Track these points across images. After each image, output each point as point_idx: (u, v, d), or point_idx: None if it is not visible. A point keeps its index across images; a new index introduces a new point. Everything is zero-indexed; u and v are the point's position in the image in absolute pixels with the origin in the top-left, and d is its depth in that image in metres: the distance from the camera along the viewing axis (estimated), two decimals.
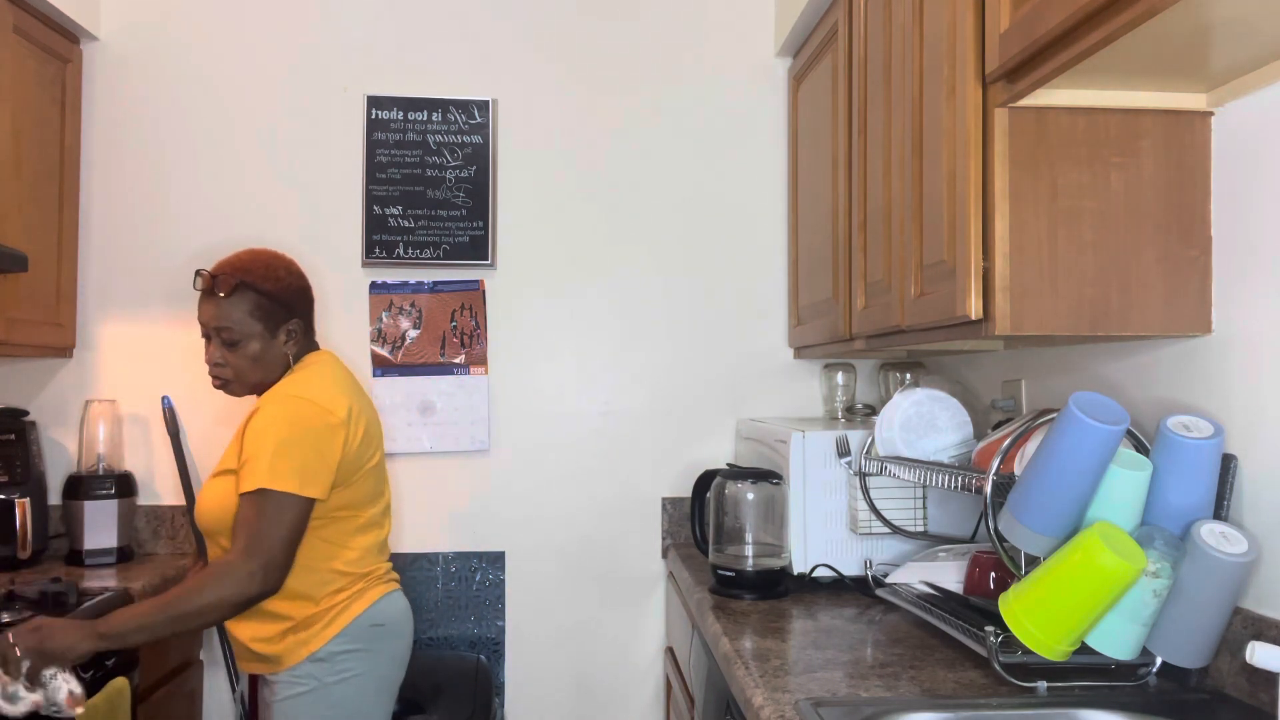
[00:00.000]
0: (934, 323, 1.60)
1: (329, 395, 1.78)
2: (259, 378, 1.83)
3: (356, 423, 1.81)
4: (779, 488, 2.06)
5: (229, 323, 1.78)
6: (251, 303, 1.79)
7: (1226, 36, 1.18)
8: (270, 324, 1.81)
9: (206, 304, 1.80)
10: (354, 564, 1.82)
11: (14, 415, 2.36)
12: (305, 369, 1.85)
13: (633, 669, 2.61)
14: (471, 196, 2.56)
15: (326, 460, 1.73)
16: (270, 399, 1.78)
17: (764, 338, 2.66)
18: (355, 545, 1.83)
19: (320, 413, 1.75)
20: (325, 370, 1.86)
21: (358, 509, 1.83)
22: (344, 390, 1.83)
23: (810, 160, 2.44)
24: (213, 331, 1.80)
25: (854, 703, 1.32)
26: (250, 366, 1.81)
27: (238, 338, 1.79)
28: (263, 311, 1.80)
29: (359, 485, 1.82)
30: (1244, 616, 1.32)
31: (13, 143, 2.19)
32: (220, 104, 2.56)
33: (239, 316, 1.79)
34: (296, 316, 1.86)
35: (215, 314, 1.79)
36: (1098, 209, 1.41)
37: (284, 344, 1.84)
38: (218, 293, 1.78)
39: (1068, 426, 1.30)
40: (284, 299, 1.83)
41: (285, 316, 1.84)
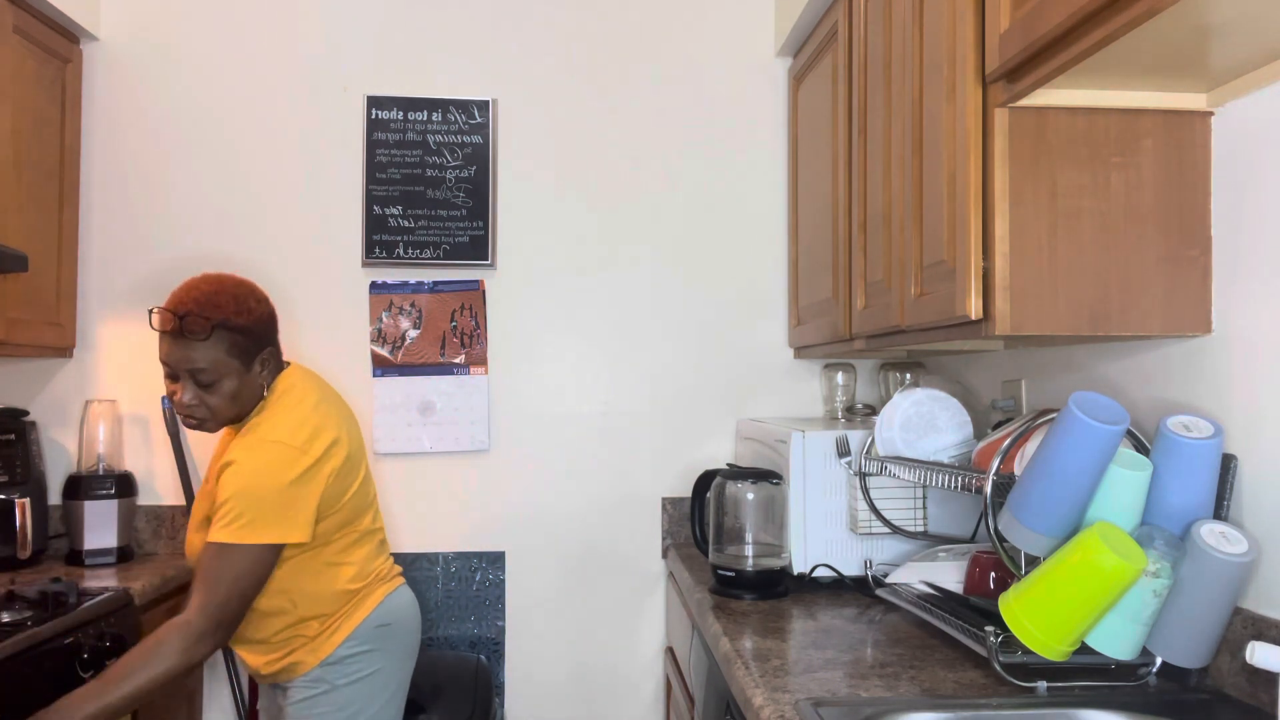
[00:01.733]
0: (934, 323, 1.60)
1: (304, 432, 1.72)
2: (236, 413, 1.76)
3: (335, 452, 1.75)
4: (779, 488, 2.06)
5: (205, 364, 1.69)
6: (228, 342, 1.70)
7: (1226, 36, 1.18)
8: (246, 359, 1.73)
9: (174, 345, 1.68)
10: (357, 577, 1.81)
11: (14, 415, 2.36)
12: (278, 399, 1.77)
13: (633, 669, 2.61)
14: (471, 196, 2.56)
15: (306, 503, 1.69)
16: (243, 446, 1.69)
17: (764, 338, 2.66)
18: (355, 559, 1.82)
19: (296, 457, 1.68)
20: (298, 398, 1.78)
21: (352, 525, 1.81)
22: (320, 416, 1.76)
23: (810, 160, 2.44)
24: (184, 374, 1.70)
25: (854, 703, 1.32)
26: (227, 404, 1.73)
27: (214, 378, 1.70)
28: (239, 349, 1.72)
29: (348, 506, 1.78)
30: (1244, 616, 1.32)
31: (13, 143, 2.19)
32: (220, 104, 2.56)
33: (215, 357, 1.69)
34: (269, 345, 1.79)
35: (187, 356, 1.68)
36: (1098, 209, 1.41)
37: (259, 374, 1.77)
38: (189, 335, 1.67)
39: (1068, 426, 1.30)
40: (257, 332, 1.75)
41: (259, 348, 1.76)
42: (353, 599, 1.80)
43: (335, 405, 1.84)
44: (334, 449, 1.75)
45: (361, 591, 1.82)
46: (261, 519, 1.65)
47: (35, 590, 1.94)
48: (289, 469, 1.67)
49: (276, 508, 1.66)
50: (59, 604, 1.90)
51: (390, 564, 1.93)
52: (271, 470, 1.67)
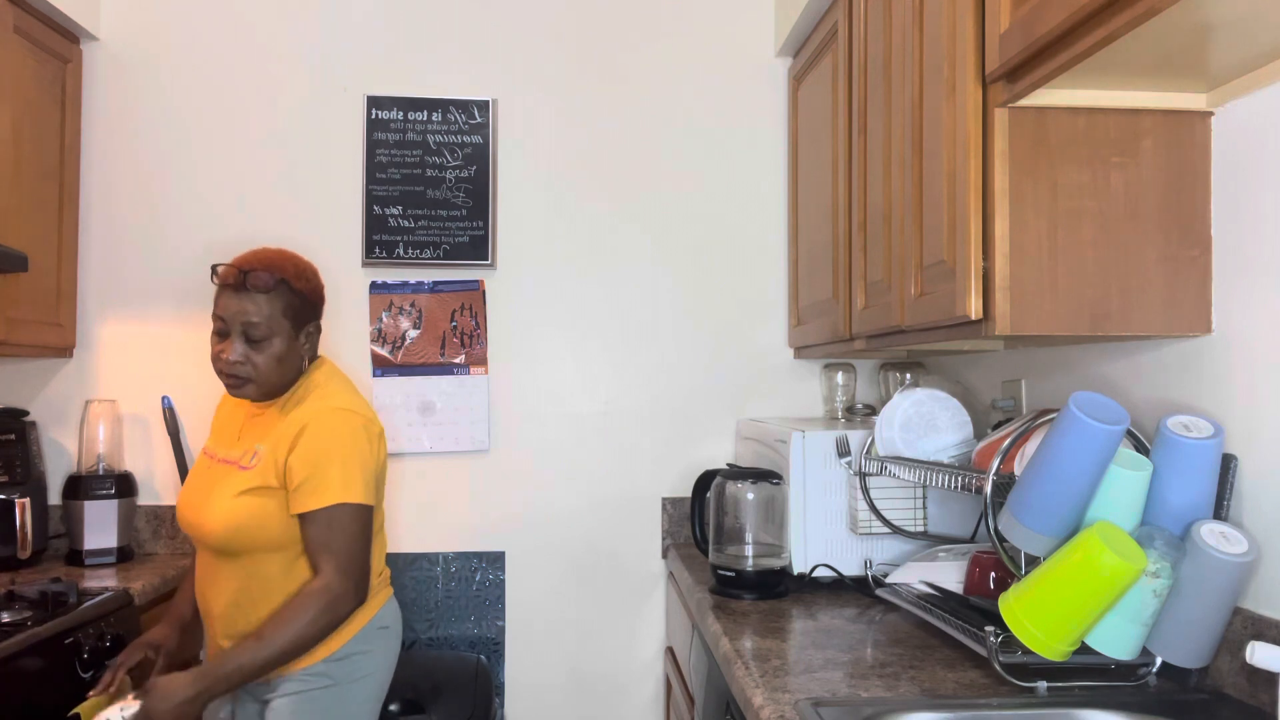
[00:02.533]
0: (934, 323, 1.60)
1: (365, 406, 1.81)
2: (278, 379, 1.77)
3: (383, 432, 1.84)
4: (779, 488, 2.05)
5: (261, 318, 1.72)
6: (284, 301, 1.75)
7: (1226, 36, 1.18)
8: (297, 324, 1.78)
9: (233, 298, 1.73)
10: (374, 570, 1.82)
11: (14, 415, 2.36)
12: (328, 378, 1.83)
13: (633, 669, 2.61)
14: (471, 196, 2.56)
15: (374, 471, 1.76)
16: (319, 415, 1.74)
17: (764, 338, 2.66)
18: (376, 552, 1.84)
19: (366, 424, 1.76)
20: (345, 380, 1.86)
21: (378, 516, 1.84)
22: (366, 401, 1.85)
23: (810, 160, 2.44)
24: (239, 327, 1.73)
25: (854, 703, 1.32)
26: (273, 366, 1.75)
27: (265, 334, 1.73)
28: (294, 311, 1.76)
29: (380, 493, 1.84)
30: (1244, 616, 1.32)
31: (13, 143, 2.19)
32: (220, 104, 2.56)
33: (271, 313, 1.73)
34: (316, 320, 1.84)
35: (244, 309, 1.72)
36: (1098, 209, 1.41)
37: (303, 346, 1.80)
38: (253, 288, 1.72)
39: (1068, 426, 1.30)
40: (311, 302, 1.81)
41: (309, 318, 1.81)
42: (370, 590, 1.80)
43: None
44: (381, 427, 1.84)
45: (373, 589, 1.82)
46: (355, 480, 1.70)
47: (35, 590, 1.94)
48: (363, 435, 1.74)
49: (361, 470, 1.72)
50: (59, 604, 1.90)
51: (387, 571, 1.95)
52: (351, 434, 1.73)
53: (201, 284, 2.54)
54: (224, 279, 1.74)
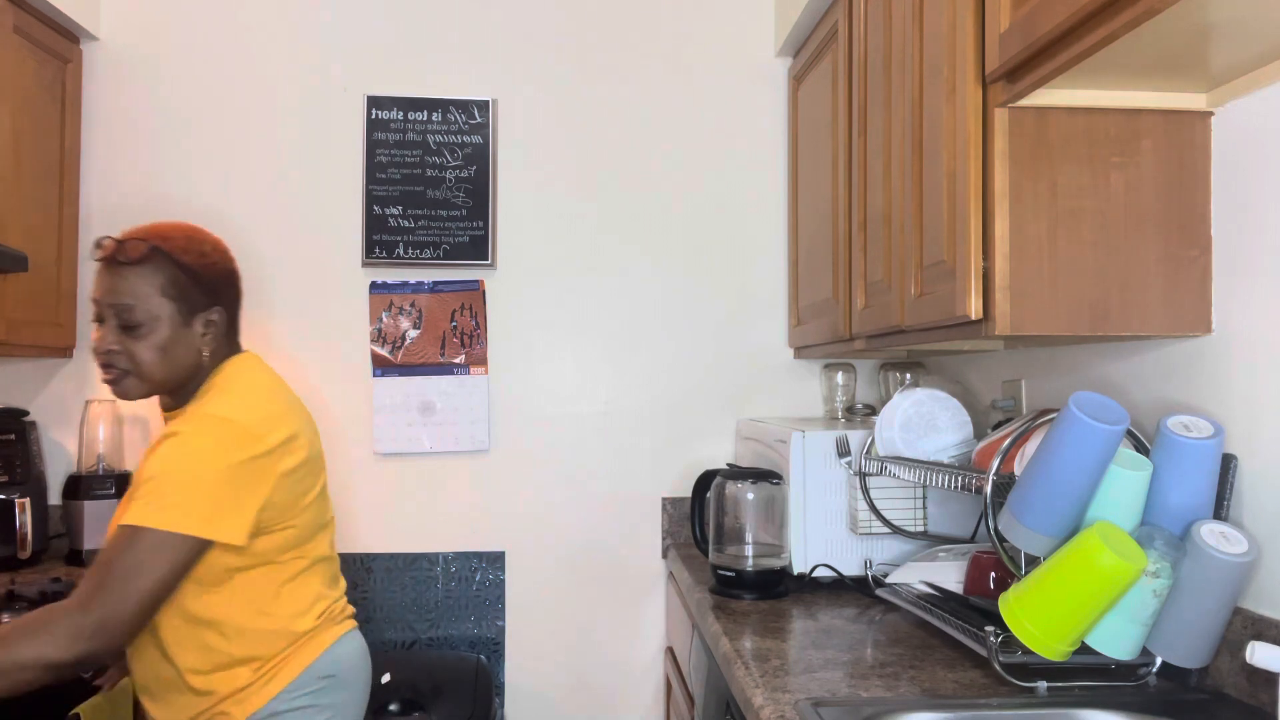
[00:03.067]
0: (934, 323, 1.60)
1: (263, 416, 1.45)
2: (164, 375, 1.48)
3: (294, 449, 1.47)
4: (779, 488, 2.06)
5: (132, 298, 1.44)
6: (166, 277, 1.46)
7: (1226, 36, 1.18)
8: (185, 308, 1.47)
9: (104, 275, 1.46)
10: (305, 613, 1.50)
11: (14, 415, 2.36)
12: (232, 379, 1.51)
13: (633, 669, 2.61)
14: (471, 196, 2.56)
15: (250, 499, 1.40)
16: (184, 419, 1.42)
17: (764, 338, 2.66)
18: (306, 591, 1.51)
19: (248, 440, 1.41)
20: (257, 381, 1.52)
21: (304, 548, 1.51)
22: (281, 408, 1.50)
23: (810, 160, 2.44)
24: (108, 310, 1.46)
25: (854, 703, 1.32)
26: (154, 359, 1.46)
27: (141, 319, 1.45)
28: (178, 290, 1.46)
29: (301, 521, 1.50)
30: (1244, 616, 1.32)
31: (13, 143, 2.19)
32: (220, 104, 2.56)
33: (146, 292, 1.45)
34: (220, 306, 1.52)
35: (113, 286, 1.45)
36: (1098, 209, 1.41)
37: (200, 337, 1.50)
38: (122, 259, 1.44)
39: (1068, 426, 1.30)
40: (207, 280, 1.50)
41: (206, 303, 1.50)
42: (297, 640, 1.49)
43: (298, 404, 1.60)
44: (292, 444, 1.48)
45: (309, 632, 1.51)
46: (188, 503, 1.35)
47: (35, 590, 1.94)
48: (235, 451, 1.39)
49: (210, 494, 1.37)
50: None
51: (344, 603, 1.63)
52: (214, 449, 1.38)
53: None
54: (99, 252, 1.48)
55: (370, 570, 2.53)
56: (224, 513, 1.38)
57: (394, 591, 2.53)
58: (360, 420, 2.56)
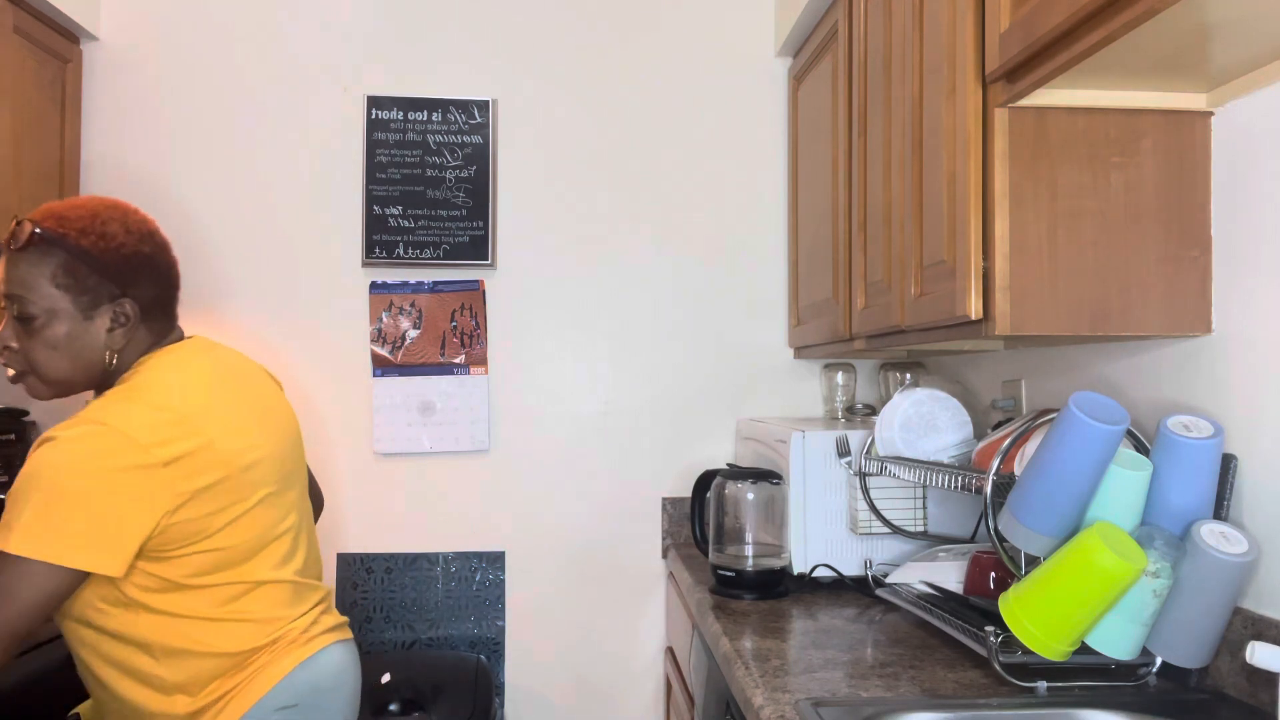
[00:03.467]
0: (934, 323, 1.60)
1: (154, 421, 1.24)
2: (64, 375, 1.32)
3: (204, 460, 1.27)
4: (779, 488, 2.06)
5: (22, 289, 1.27)
6: (57, 264, 1.28)
7: (1226, 36, 1.18)
8: (82, 300, 1.30)
9: (5, 263, 1.31)
10: (246, 638, 1.33)
11: (14, 415, 2.36)
12: (140, 379, 1.30)
13: (633, 669, 2.61)
14: (471, 196, 2.56)
15: (129, 521, 1.21)
16: (71, 421, 1.24)
17: (764, 338, 2.66)
18: (248, 615, 1.33)
19: (128, 451, 1.21)
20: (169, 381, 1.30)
21: (232, 571, 1.31)
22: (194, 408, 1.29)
23: (810, 160, 2.44)
24: (6, 300, 1.30)
25: (854, 703, 1.32)
26: (50, 358, 1.30)
27: (34, 312, 1.28)
28: (73, 279, 1.28)
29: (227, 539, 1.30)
30: (1244, 616, 1.32)
31: (13, 143, 2.19)
32: (220, 104, 2.56)
33: (36, 282, 1.27)
34: (129, 297, 1.33)
35: (7, 275, 1.29)
36: (1098, 209, 1.41)
37: (106, 333, 1.32)
38: (12, 245, 1.28)
39: (1068, 426, 1.30)
40: (110, 266, 1.31)
41: (109, 294, 1.31)
42: (244, 668, 1.32)
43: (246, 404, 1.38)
44: (200, 457, 1.27)
45: (259, 660, 1.33)
46: (55, 528, 1.18)
47: None
48: (112, 465, 1.20)
49: (80, 516, 1.19)
50: None
51: (312, 619, 1.42)
52: (87, 462, 1.20)
53: (201, 283, 2.53)
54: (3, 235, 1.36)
55: (370, 570, 2.53)
56: (95, 539, 1.20)
57: (394, 591, 2.53)
58: (360, 420, 2.56)
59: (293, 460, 1.47)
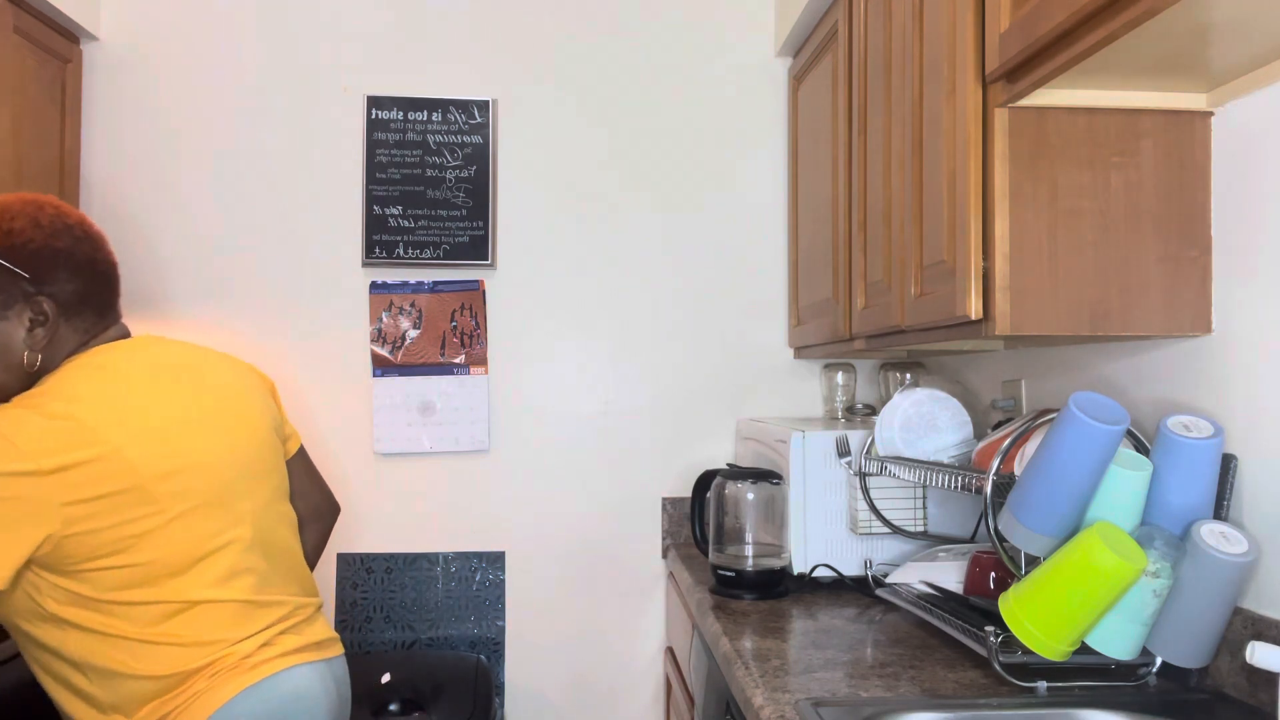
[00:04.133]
0: (934, 323, 1.60)
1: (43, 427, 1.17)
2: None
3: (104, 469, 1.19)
4: (779, 488, 2.06)
5: None
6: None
7: (1226, 36, 1.18)
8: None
9: None
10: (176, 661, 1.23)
11: None
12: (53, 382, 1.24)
13: (633, 669, 2.61)
14: (471, 196, 2.56)
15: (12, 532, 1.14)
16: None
17: (764, 338, 2.66)
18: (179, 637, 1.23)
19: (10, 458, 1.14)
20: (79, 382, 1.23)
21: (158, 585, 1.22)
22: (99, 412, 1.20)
23: (810, 160, 2.44)
24: None
25: (854, 703, 1.32)
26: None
27: None
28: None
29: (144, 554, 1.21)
30: (1244, 616, 1.32)
31: (13, 143, 2.19)
32: (220, 104, 2.56)
33: None
34: (46, 296, 1.26)
35: None
36: (1098, 209, 1.41)
37: (19, 336, 1.25)
38: None
39: (1068, 426, 1.30)
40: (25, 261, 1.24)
41: (23, 292, 1.24)
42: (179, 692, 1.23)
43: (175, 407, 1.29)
44: (98, 466, 1.19)
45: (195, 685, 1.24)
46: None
47: None
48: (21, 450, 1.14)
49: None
50: None
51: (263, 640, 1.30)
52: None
53: (200, 283, 2.53)
54: None
55: (370, 570, 2.53)
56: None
57: (394, 591, 2.53)
58: (360, 420, 2.56)
59: (244, 467, 1.35)
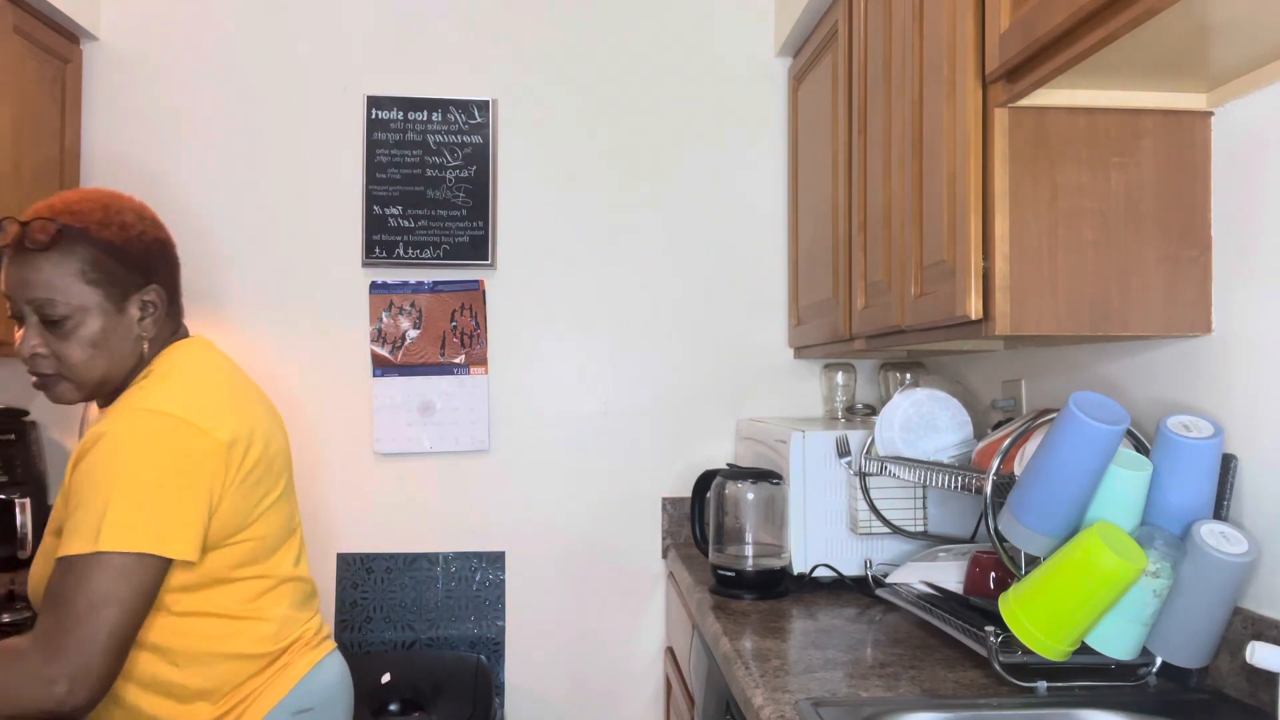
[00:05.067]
0: (934, 323, 1.60)
1: (206, 406, 1.24)
2: (102, 373, 1.28)
3: (249, 444, 1.28)
4: (779, 488, 2.05)
5: (49, 291, 1.23)
6: (85, 260, 1.25)
7: (1226, 36, 1.18)
8: (114, 293, 1.27)
9: (15, 265, 1.25)
10: (269, 639, 1.31)
11: (14, 415, 2.36)
12: (169, 366, 1.30)
13: (633, 669, 2.61)
14: (471, 196, 2.56)
15: (196, 504, 1.20)
16: (115, 415, 1.21)
17: (764, 338, 2.66)
18: (269, 614, 1.31)
19: (190, 434, 1.21)
20: (199, 368, 1.31)
21: (262, 564, 1.31)
22: (233, 395, 1.30)
23: (810, 160, 2.44)
24: (25, 306, 1.25)
25: (854, 703, 1.32)
26: (87, 358, 1.26)
27: (64, 313, 1.24)
28: (102, 273, 1.26)
29: (261, 529, 1.30)
30: (1244, 616, 1.32)
31: (13, 143, 2.19)
32: (220, 104, 2.56)
33: (65, 281, 1.24)
34: (156, 283, 1.32)
35: (25, 279, 1.24)
36: (1098, 209, 1.41)
37: (138, 322, 1.31)
38: (30, 245, 1.24)
39: (1068, 426, 1.30)
40: (134, 256, 1.30)
41: (138, 282, 1.30)
42: (264, 671, 1.30)
43: (253, 395, 1.38)
44: (250, 441, 1.29)
45: (279, 661, 1.32)
46: (133, 518, 1.16)
47: None
48: (173, 450, 1.19)
49: (154, 503, 1.17)
50: None
51: (319, 624, 1.43)
52: (149, 449, 1.19)
53: (201, 283, 2.53)
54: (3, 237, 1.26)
55: (370, 570, 2.53)
56: (172, 524, 1.18)
57: (394, 591, 2.53)
58: (360, 420, 2.56)
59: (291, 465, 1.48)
